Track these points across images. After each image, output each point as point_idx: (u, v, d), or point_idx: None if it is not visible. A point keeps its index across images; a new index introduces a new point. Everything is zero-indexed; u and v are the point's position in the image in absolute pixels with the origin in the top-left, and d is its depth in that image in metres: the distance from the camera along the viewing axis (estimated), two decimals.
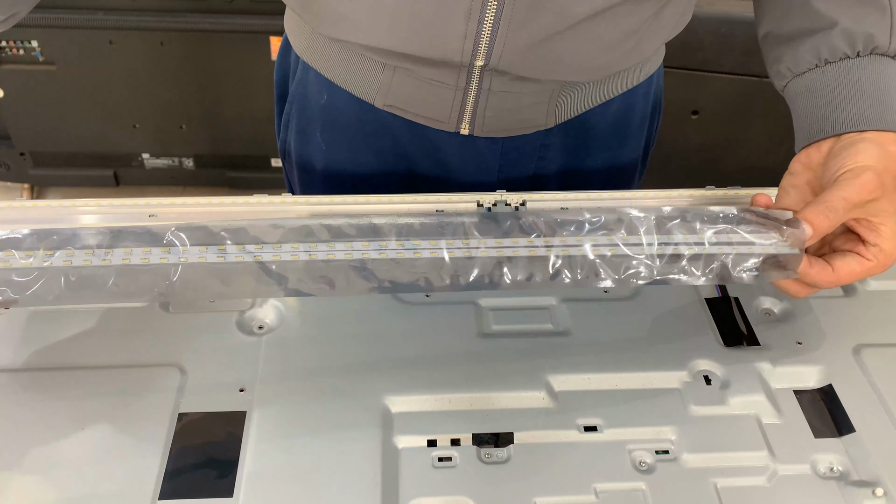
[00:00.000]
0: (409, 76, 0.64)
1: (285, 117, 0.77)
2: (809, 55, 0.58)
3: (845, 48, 0.56)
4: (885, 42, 0.56)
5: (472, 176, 0.72)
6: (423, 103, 0.66)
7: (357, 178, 0.74)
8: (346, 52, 0.67)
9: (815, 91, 0.58)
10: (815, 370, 0.53)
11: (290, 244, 0.45)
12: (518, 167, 0.72)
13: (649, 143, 0.81)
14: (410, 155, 0.71)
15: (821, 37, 0.57)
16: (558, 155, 0.73)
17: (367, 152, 0.72)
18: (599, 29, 0.60)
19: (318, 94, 0.71)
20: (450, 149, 0.70)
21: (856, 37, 0.56)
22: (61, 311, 0.55)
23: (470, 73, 0.62)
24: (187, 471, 0.46)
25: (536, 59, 0.60)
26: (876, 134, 0.54)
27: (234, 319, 0.55)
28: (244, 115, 1.67)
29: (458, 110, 0.66)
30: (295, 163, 0.77)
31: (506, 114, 0.66)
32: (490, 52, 0.59)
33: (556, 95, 0.67)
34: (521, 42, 0.59)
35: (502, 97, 0.64)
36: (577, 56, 0.61)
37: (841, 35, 0.56)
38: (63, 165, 1.78)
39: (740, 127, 1.49)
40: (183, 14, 1.53)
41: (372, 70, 0.66)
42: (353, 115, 0.70)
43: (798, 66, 0.58)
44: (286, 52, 0.76)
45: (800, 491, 0.46)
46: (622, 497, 0.46)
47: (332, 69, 0.69)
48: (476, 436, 0.48)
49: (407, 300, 0.57)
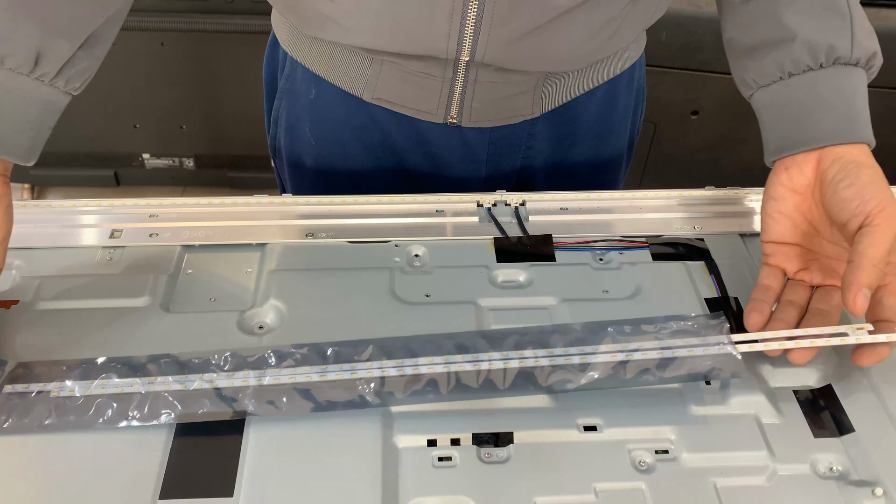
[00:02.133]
0: (396, 69, 0.65)
1: (274, 114, 0.78)
2: (773, 67, 0.57)
3: (808, 60, 0.56)
4: (846, 52, 0.55)
5: (461, 167, 0.73)
6: (411, 95, 0.67)
7: (347, 173, 0.74)
8: (333, 49, 0.68)
9: (782, 104, 0.57)
10: (814, 370, 0.53)
11: (242, 371, 0.50)
12: (506, 157, 0.73)
13: (634, 132, 0.82)
14: (400, 148, 0.72)
15: (783, 49, 0.57)
16: (545, 144, 0.74)
17: (357, 146, 0.72)
18: (579, 19, 0.61)
19: (307, 89, 0.72)
20: (438, 140, 0.71)
21: (817, 48, 0.55)
22: (61, 312, 0.55)
23: (456, 66, 0.63)
24: (187, 471, 0.46)
25: (520, 52, 0.61)
26: (855, 152, 0.53)
27: (235, 319, 0.55)
28: (244, 115, 1.67)
29: (445, 101, 0.66)
30: (285, 159, 0.78)
31: (492, 104, 0.67)
32: (474, 49, 0.60)
33: (541, 85, 0.68)
34: (504, 37, 0.60)
35: (488, 87, 0.65)
36: (559, 47, 0.62)
37: (803, 47, 0.56)
38: (63, 165, 1.78)
39: (740, 127, 1.49)
40: (183, 14, 1.53)
41: (359, 65, 0.67)
42: (341, 109, 0.70)
43: (763, 77, 0.58)
44: (274, 49, 0.77)
45: (799, 491, 0.46)
46: (622, 497, 0.46)
47: (319, 65, 0.69)
48: (476, 435, 0.48)
49: (407, 300, 0.57)
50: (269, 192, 0.66)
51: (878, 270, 0.48)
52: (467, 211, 0.65)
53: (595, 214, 0.65)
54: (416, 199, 0.65)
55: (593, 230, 0.63)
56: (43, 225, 0.62)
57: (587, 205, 0.66)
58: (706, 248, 0.62)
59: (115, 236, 0.61)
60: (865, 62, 0.56)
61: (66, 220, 0.63)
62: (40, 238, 0.61)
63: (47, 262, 0.59)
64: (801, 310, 0.53)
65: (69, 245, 0.61)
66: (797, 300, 0.54)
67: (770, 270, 0.55)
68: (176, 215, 0.63)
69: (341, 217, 0.64)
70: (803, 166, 0.55)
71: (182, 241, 0.61)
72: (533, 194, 0.66)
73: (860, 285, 0.47)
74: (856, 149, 0.54)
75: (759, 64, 0.58)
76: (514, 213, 0.65)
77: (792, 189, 0.55)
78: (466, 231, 0.63)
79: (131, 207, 0.64)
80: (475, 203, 0.66)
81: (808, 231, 0.56)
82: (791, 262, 0.55)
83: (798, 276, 0.55)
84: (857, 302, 0.47)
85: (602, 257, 0.61)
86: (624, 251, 0.62)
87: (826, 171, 0.53)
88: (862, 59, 0.56)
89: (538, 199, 0.66)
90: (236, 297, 0.57)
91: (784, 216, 0.55)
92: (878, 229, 0.49)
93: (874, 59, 0.57)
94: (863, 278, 0.48)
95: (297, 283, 0.58)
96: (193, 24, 1.53)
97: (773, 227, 0.56)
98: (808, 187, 0.55)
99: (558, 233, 0.63)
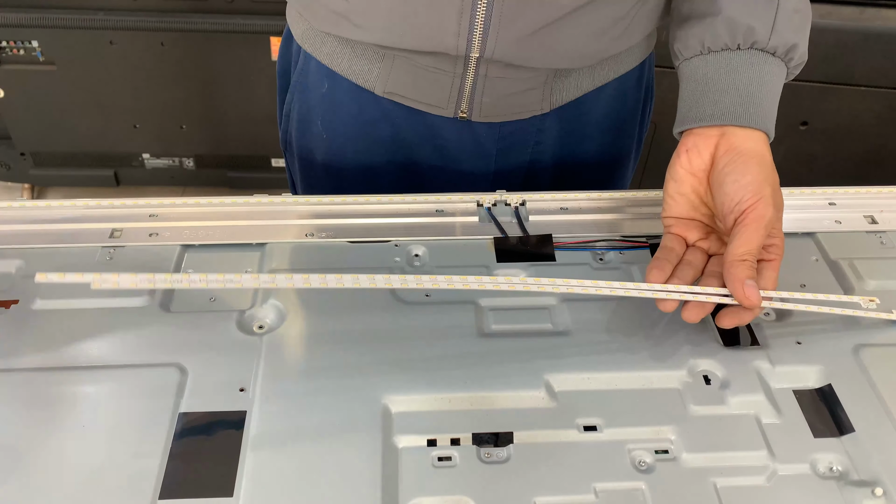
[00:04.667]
0: (407, 63, 0.66)
1: (286, 108, 0.78)
2: (695, 41, 0.59)
3: (726, 38, 0.57)
4: (764, 37, 0.57)
5: (470, 162, 0.74)
6: (422, 90, 0.68)
7: (357, 167, 0.75)
8: (345, 44, 0.68)
9: (697, 79, 0.59)
10: (814, 370, 0.53)
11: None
12: (515, 152, 0.74)
13: (643, 129, 0.83)
14: (410, 142, 0.73)
15: (708, 23, 0.58)
16: (554, 140, 0.74)
17: (368, 140, 0.73)
18: (588, 17, 0.61)
19: (319, 83, 0.72)
20: (448, 134, 0.71)
21: (738, 28, 0.57)
22: (61, 311, 0.55)
23: (466, 63, 0.64)
24: (187, 471, 0.46)
25: (529, 49, 0.62)
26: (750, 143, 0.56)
27: (235, 319, 0.55)
28: (244, 115, 1.67)
29: (455, 96, 0.67)
30: (296, 153, 0.79)
31: (502, 99, 0.68)
32: (484, 46, 0.61)
33: (550, 81, 0.68)
34: (512, 35, 0.61)
35: (498, 83, 0.66)
36: (567, 44, 0.63)
37: (725, 24, 0.58)
38: (63, 165, 1.78)
39: None
40: (183, 14, 1.53)
41: (371, 59, 0.68)
42: (353, 103, 0.71)
43: (687, 50, 0.60)
44: (288, 43, 0.78)
45: (799, 491, 0.46)
46: (622, 497, 0.46)
47: (332, 59, 0.70)
48: (476, 435, 0.48)
49: (407, 300, 0.57)
50: (269, 192, 0.66)
51: (750, 265, 0.53)
52: (467, 211, 0.65)
53: (595, 214, 0.65)
54: (416, 198, 0.65)
55: (593, 230, 0.63)
56: (43, 225, 0.62)
57: (587, 205, 0.66)
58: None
59: (115, 236, 0.61)
60: (784, 53, 0.58)
61: (66, 220, 0.63)
62: (40, 238, 0.61)
63: (47, 262, 0.59)
64: (698, 272, 0.57)
65: (69, 245, 0.61)
66: (695, 262, 0.57)
67: (672, 237, 0.59)
68: (175, 215, 0.63)
69: (341, 217, 0.64)
70: (702, 150, 0.57)
71: (182, 240, 0.61)
72: (533, 194, 0.66)
73: (741, 281, 0.52)
74: (752, 138, 0.56)
75: (686, 35, 0.60)
76: (514, 213, 0.65)
77: (691, 172, 0.58)
78: (466, 231, 0.63)
79: (131, 207, 0.64)
80: (475, 203, 0.66)
81: (704, 211, 0.58)
82: (691, 232, 0.59)
83: (698, 245, 0.58)
84: (747, 295, 0.51)
85: (602, 257, 0.61)
86: (624, 251, 0.62)
87: (718, 161, 0.56)
88: (780, 50, 0.57)
89: (538, 198, 0.66)
90: (236, 297, 0.57)
91: (683, 196, 0.58)
92: (748, 228, 0.53)
93: (793, 52, 0.58)
94: (742, 273, 0.52)
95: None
96: (193, 24, 1.53)
97: (673, 205, 0.58)
98: (705, 171, 0.57)
99: (558, 233, 0.63)
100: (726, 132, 0.56)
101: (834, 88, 1.40)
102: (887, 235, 0.64)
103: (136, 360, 0.52)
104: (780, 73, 0.59)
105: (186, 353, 0.52)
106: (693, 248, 0.58)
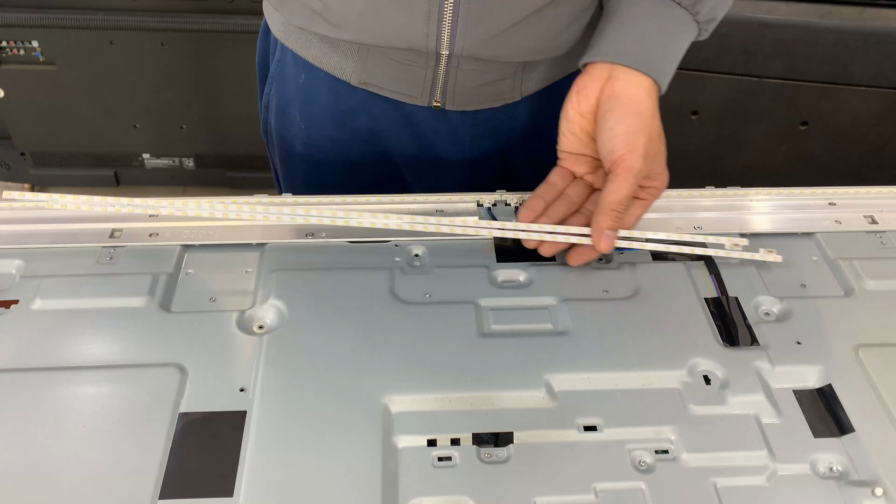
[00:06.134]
0: (381, 57, 0.67)
1: (266, 97, 0.80)
2: None
3: None
4: None
5: (447, 149, 0.75)
6: (396, 81, 0.69)
7: (336, 156, 0.77)
8: (321, 38, 0.70)
9: (608, 14, 0.61)
10: (814, 370, 0.53)
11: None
12: (490, 139, 0.75)
13: None
14: (386, 131, 0.74)
15: None
16: (528, 126, 0.76)
17: (345, 129, 0.75)
18: (554, 11, 0.63)
19: (296, 74, 0.74)
20: (424, 123, 0.73)
21: None
22: (61, 311, 0.55)
23: (437, 57, 0.66)
24: (187, 471, 0.46)
25: (497, 46, 0.64)
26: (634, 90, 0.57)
27: (234, 319, 0.55)
28: (244, 115, 1.67)
29: (429, 86, 0.69)
30: (276, 143, 0.80)
31: (474, 89, 0.69)
32: (453, 44, 0.63)
33: (521, 71, 0.70)
34: (479, 34, 0.62)
35: (470, 74, 0.68)
36: (535, 39, 0.65)
37: None
38: (63, 165, 1.78)
39: (740, 127, 1.49)
40: (183, 14, 1.53)
41: (346, 52, 0.69)
42: (329, 93, 0.73)
43: None
44: (266, 34, 0.80)
45: (799, 491, 0.46)
46: (622, 497, 0.46)
47: (307, 51, 0.72)
48: (476, 435, 0.48)
49: (407, 300, 0.57)
50: (268, 192, 0.66)
51: (616, 214, 0.56)
52: (467, 211, 0.65)
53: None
54: (416, 198, 0.65)
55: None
56: (43, 225, 0.62)
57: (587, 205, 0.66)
58: (706, 248, 0.62)
59: (114, 236, 0.61)
60: (691, 5, 0.59)
61: (66, 219, 0.63)
62: (40, 238, 0.61)
63: (47, 262, 0.59)
64: (574, 206, 0.61)
65: (69, 245, 0.61)
66: (573, 197, 0.61)
67: (560, 171, 0.63)
68: (176, 215, 0.63)
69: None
70: (589, 93, 0.59)
71: (182, 240, 0.61)
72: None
73: (601, 229, 0.56)
74: (636, 84, 0.57)
75: None
76: (515, 213, 0.65)
77: (580, 112, 0.60)
78: (467, 230, 0.63)
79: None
80: (475, 203, 0.66)
81: (594, 147, 0.60)
82: (580, 166, 0.62)
83: (586, 178, 0.62)
84: (601, 243, 0.57)
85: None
86: (624, 251, 0.62)
87: (601, 105, 0.58)
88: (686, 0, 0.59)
89: None
90: (236, 297, 0.57)
91: (573, 135, 0.61)
92: (618, 178, 0.56)
93: (701, 4, 0.59)
94: (603, 223, 0.56)
95: (297, 283, 0.58)
96: (193, 24, 1.53)
97: (564, 142, 0.62)
98: (592, 113, 0.59)
99: None
100: (613, 75, 0.58)
101: (834, 88, 1.40)
102: (887, 235, 0.64)
103: (136, 360, 0.52)
104: (687, 25, 0.60)
105: (186, 353, 0.52)
106: (579, 181, 0.62)
